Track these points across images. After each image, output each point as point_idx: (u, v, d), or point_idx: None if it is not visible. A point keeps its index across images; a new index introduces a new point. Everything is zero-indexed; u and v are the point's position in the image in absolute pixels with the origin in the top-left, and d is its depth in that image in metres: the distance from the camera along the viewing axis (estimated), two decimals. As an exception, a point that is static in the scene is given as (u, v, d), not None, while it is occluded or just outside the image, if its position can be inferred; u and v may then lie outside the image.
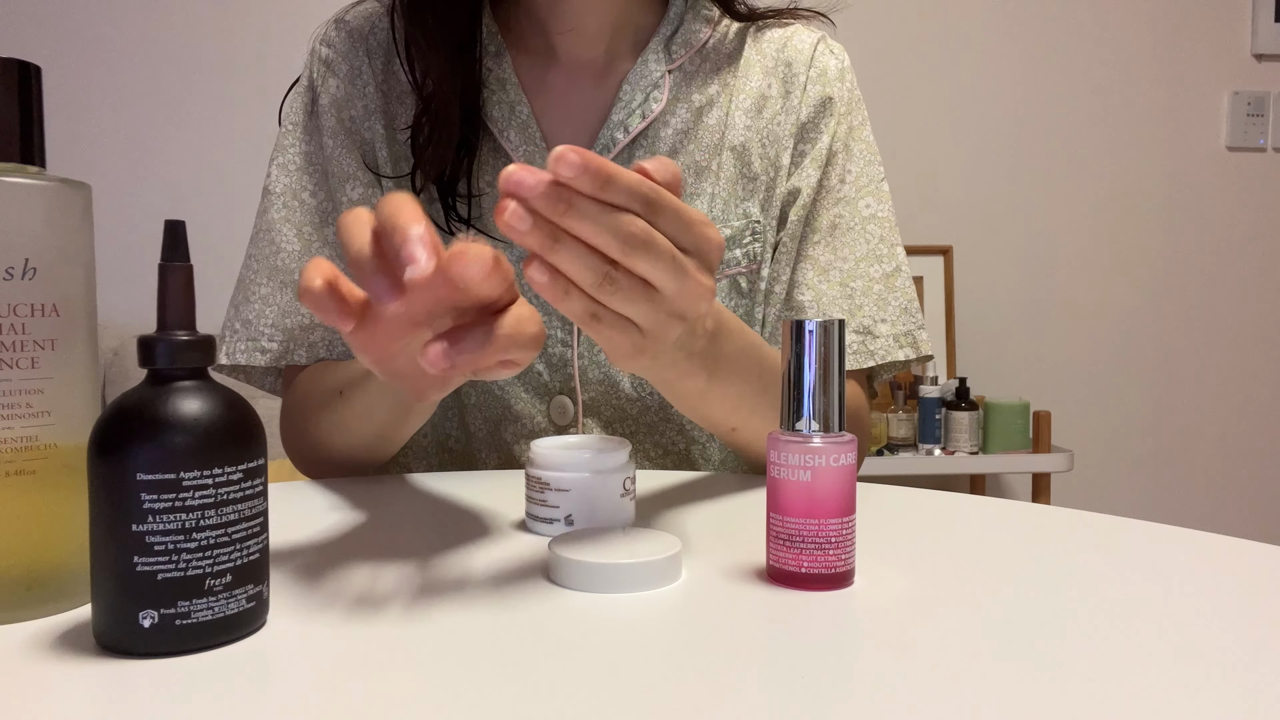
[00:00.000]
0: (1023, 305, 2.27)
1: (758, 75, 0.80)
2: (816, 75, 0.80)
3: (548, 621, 0.39)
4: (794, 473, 0.43)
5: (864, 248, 0.79)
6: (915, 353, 0.78)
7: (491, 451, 0.78)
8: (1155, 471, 2.32)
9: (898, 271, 0.79)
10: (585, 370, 0.76)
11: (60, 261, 0.40)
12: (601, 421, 0.77)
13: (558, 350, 0.76)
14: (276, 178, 0.78)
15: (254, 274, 0.78)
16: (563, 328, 0.75)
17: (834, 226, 0.79)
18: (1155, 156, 2.29)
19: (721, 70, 0.80)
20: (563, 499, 0.52)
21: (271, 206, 0.78)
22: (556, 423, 0.77)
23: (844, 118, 0.80)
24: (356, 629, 0.38)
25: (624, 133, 0.76)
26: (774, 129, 0.79)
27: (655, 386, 0.56)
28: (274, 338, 0.76)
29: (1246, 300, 2.33)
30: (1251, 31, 2.28)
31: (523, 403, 0.77)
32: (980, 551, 0.50)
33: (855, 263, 0.78)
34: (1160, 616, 0.40)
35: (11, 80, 0.40)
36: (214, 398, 0.36)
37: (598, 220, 0.39)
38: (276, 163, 0.79)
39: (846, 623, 0.39)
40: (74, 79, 2.04)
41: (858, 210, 0.79)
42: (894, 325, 0.78)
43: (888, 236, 0.80)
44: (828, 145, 0.79)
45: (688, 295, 0.43)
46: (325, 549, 0.50)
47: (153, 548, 0.34)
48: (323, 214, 0.78)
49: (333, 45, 0.79)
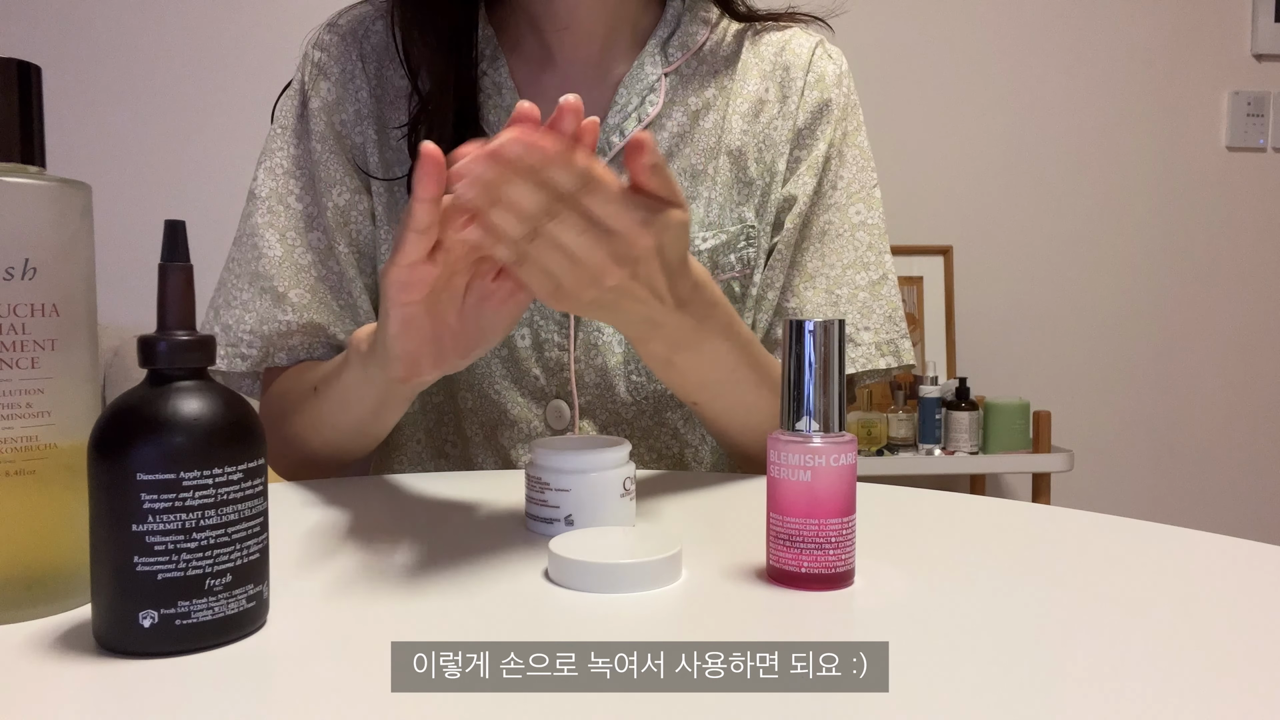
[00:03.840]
0: (1023, 305, 2.27)
1: (755, 79, 0.79)
2: (814, 80, 0.80)
3: (548, 621, 0.39)
4: (794, 473, 0.43)
5: (851, 255, 0.78)
6: (897, 361, 0.78)
7: (489, 455, 0.78)
8: (1155, 471, 2.32)
9: (884, 280, 0.79)
10: (581, 374, 0.76)
11: (60, 261, 0.40)
12: (597, 425, 0.78)
13: (554, 355, 0.76)
14: (263, 181, 0.78)
15: (235, 278, 0.77)
16: (559, 333, 0.75)
17: (823, 233, 0.79)
18: (1155, 156, 2.29)
19: (719, 74, 0.79)
20: (563, 499, 0.52)
21: (256, 211, 0.77)
22: (552, 426, 0.77)
23: (840, 123, 0.80)
24: (356, 629, 0.38)
25: (620, 136, 0.76)
26: (770, 134, 0.79)
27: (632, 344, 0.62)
28: (253, 344, 0.75)
29: (1246, 300, 2.33)
30: (1251, 31, 2.28)
31: (519, 407, 0.77)
32: (980, 551, 0.50)
33: (842, 270, 0.78)
34: (1160, 616, 0.40)
35: (11, 80, 0.40)
36: (214, 398, 0.36)
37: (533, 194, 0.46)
38: (264, 166, 0.79)
39: (846, 623, 0.39)
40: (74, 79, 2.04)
41: (848, 217, 0.79)
42: (877, 333, 0.78)
43: (876, 244, 0.79)
44: (824, 152, 0.79)
45: (594, 269, 0.50)
46: (325, 549, 0.50)
47: (153, 548, 0.34)
48: (308, 218, 0.77)
49: (325, 49, 0.78)
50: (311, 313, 0.75)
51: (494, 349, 0.76)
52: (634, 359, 0.76)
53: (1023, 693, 0.32)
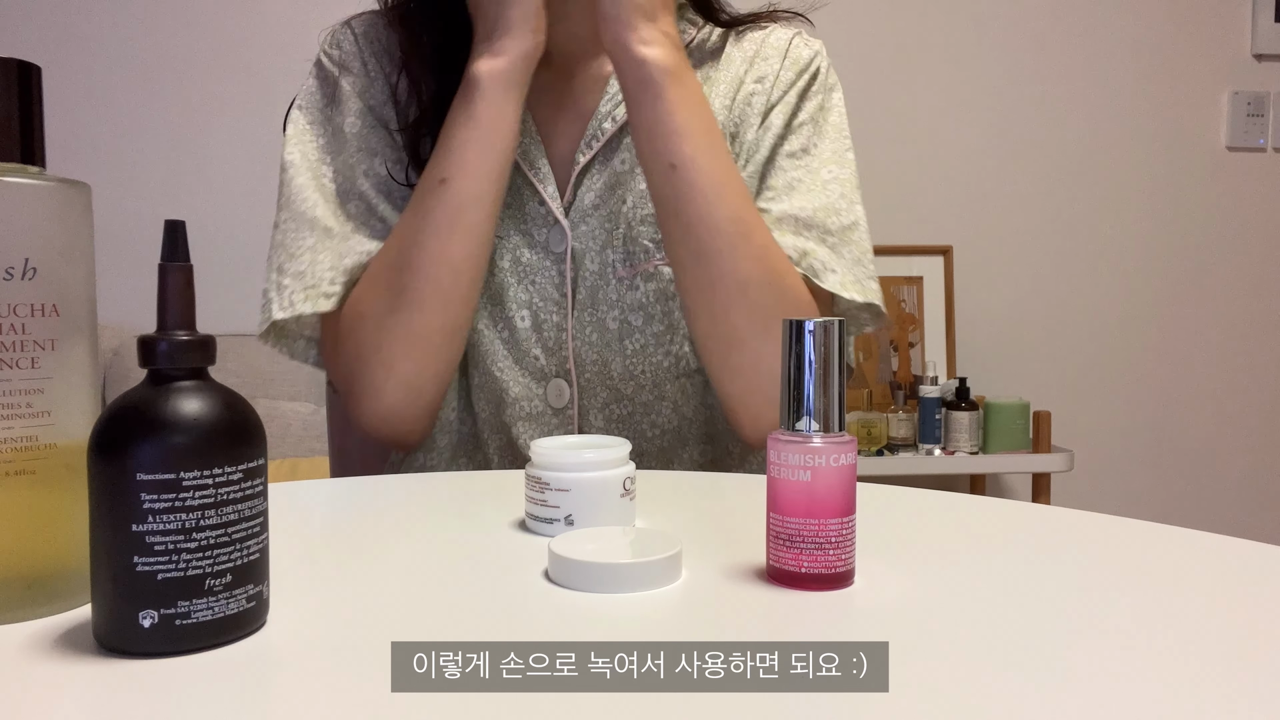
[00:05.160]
0: (1023, 305, 2.27)
1: (737, 65, 0.83)
2: (790, 63, 0.83)
3: (548, 621, 0.39)
4: (794, 473, 0.43)
5: (822, 200, 0.79)
6: (862, 296, 0.76)
7: (494, 432, 0.81)
8: (1155, 471, 2.32)
9: (855, 225, 0.79)
10: (580, 353, 0.78)
11: (60, 261, 0.40)
12: (597, 403, 0.80)
13: (553, 335, 0.79)
14: (298, 165, 0.79)
15: (293, 233, 0.77)
16: (558, 313, 0.78)
17: (791, 187, 0.79)
18: (1155, 156, 2.29)
19: (704, 65, 0.83)
20: (563, 499, 0.52)
21: (296, 177, 0.79)
22: (553, 405, 0.79)
23: (816, 97, 0.82)
24: (356, 629, 0.38)
25: (611, 123, 0.80)
26: (746, 110, 0.82)
27: (627, 101, 0.72)
28: (335, 280, 0.75)
29: (1246, 300, 2.33)
30: (1251, 31, 2.28)
31: (520, 386, 0.79)
32: (980, 551, 0.50)
33: (812, 213, 0.78)
34: (1160, 616, 0.40)
35: (11, 80, 0.40)
36: (214, 398, 0.36)
37: None
38: (298, 150, 0.80)
39: (846, 623, 0.39)
40: (74, 79, 2.04)
41: (819, 175, 0.80)
42: (844, 275, 0.77)
43: (848, 194, 0.80)
44: (798, 116, 0.81)
45: None
46: (325, 549, 0.50)
47: (153, 548, 0.34)
48: (341, 196, 0.78)
49: (341, 47, 0.82)
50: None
51: (496, 330, 0.79)
52: (630, 336, 0.78)
53: (1023, 693, 0.32)
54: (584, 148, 0.80)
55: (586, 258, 0.79)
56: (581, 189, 0.80)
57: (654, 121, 0.71)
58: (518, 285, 0.79)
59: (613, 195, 0.79)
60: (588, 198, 0.79)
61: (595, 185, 0.79)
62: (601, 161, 0.80)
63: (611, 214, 0.79)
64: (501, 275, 0.79)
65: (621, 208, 0.79)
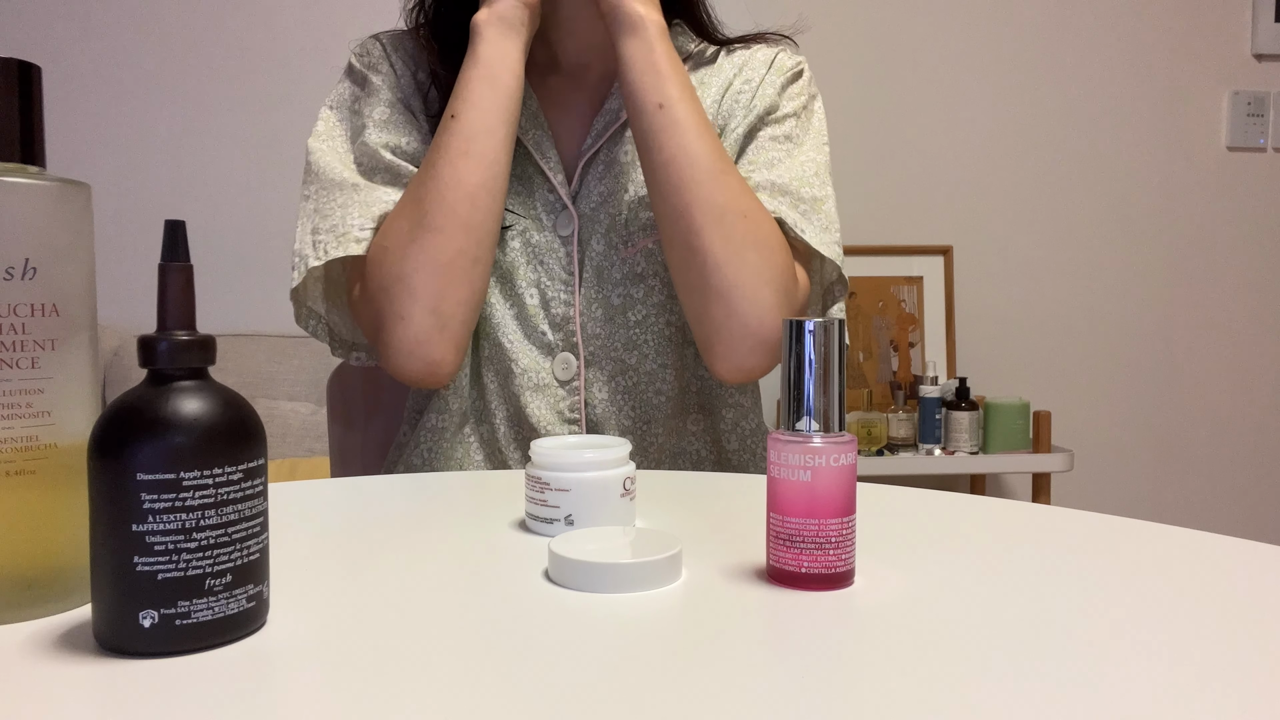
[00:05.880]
0: (1023, 305, 2.27)
1: (727, 71, 0.90)
2: (775, 68, 0.89)
3: (548, 621, 0.39)
4: (794, 473, 0.43)
5: (797, 173, 0.84)
6: (832, 256, 0.82)
7: (502, 402, 0.86)
8: (1155, 471, 2.32)
9: (826, 199, 0.84)
10: (586, 328, 0.84)
11: (60, 261, 0.40)
12: (604, 375, 0.84)
13: (561, 310, 0.84)
14: (324, 150, 0.84)
15: (324, 199, 0.82)
16: (565, 290, 0.84)
17: (770, 164, 0.85)
18: (1155, 156, 2.29)
19: (699, 70, 0.91)
20: (563, 499, 0.52)
21: (323, 158, 0.84)
22: (560, 378, 0.84)
23: (799, 95, 0.88)
24: (356, 629, 0.38)
25: (615, 119, 0.86)
26: (734, 106, 0.88)
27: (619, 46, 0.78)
28: (365, 227, 0.79)
29: (1246, 300, 2.33)
30: (1251, 31, 2.28)
31: (529, 358, 0.84)
32: (980, 551, 0.50)
33: (787, 181, 0.83)
34: (1160, 616, 0.40)
35: (11, 80, 0.40)
36: (214, 398, 0.36)
37: None
38: (325, 140, 0.85)
39: (846, 623, 0.39)
40: (74, 79, 2.04)
41: (796, 158, 0.86)
42: (814, 237, 0.81)
43: (821, 175, 0.85)
44: (777, 103, 0.87)
45: None
46: (325, 549, 0.50)
47: (153, 547, 0.34)
48: (368, 168, 0.83)
49: (370, 53, 0.88)
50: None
51: (506, 306, 0.85)
52: (632, 308, 0.84)
53: (1023, 692, 0.32)
54: (590, 140, 0.86)
55: (592, 240, 0.85)
56: (588, 178, 0.87)
57: (646, 62, 0.78)
58: (527, 265, 0.85)
59: (616, 183, 0.86)
60: (593, 185, 0.86)
61: (600, 174, 0.86)
62: (606, 153, 0.87)
63: (615, 200, 0.85)
64: (513, 255, 0.85)
65: (624, 195, 0.85)
